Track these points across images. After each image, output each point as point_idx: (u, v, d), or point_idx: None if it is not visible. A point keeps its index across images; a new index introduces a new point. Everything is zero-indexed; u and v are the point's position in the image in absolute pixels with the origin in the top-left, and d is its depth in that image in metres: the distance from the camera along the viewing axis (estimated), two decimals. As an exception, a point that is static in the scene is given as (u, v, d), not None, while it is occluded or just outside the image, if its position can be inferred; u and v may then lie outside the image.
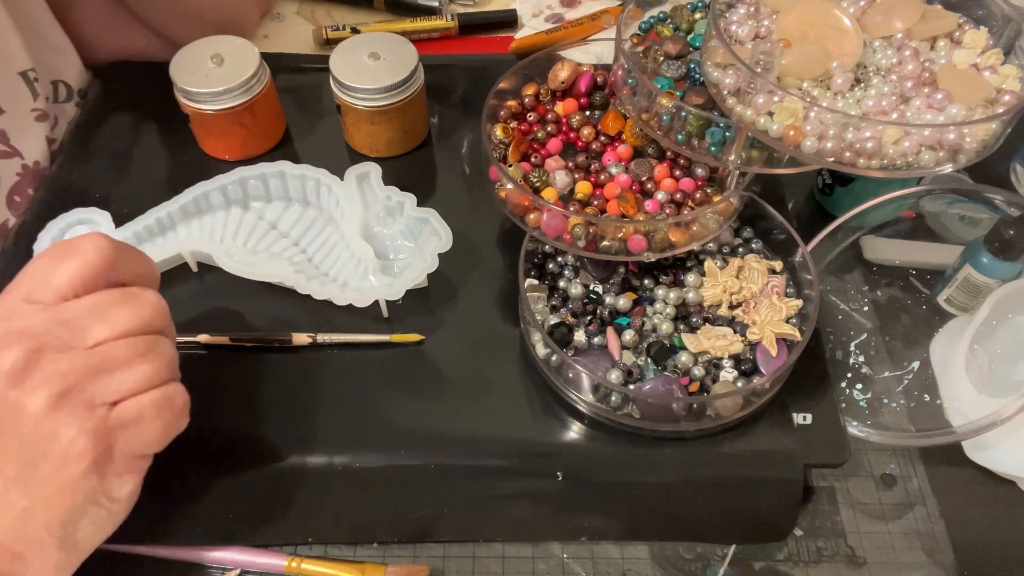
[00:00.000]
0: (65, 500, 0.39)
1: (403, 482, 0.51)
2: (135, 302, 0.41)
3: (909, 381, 0.58)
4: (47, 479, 0.38)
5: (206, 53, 0.62)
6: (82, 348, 0.39)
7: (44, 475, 0.38)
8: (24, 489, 0.39)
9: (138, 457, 0.41)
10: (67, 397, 0.38)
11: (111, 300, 0.40)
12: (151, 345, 0.40)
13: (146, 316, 0.41)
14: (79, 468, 0.38)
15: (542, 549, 0.52)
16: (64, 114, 0.69)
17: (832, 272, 0.63)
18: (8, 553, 0.39)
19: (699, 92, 0.52)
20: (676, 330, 0.54)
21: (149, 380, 0.40)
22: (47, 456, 0.38)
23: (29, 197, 0.63)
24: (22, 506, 0.39)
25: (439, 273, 0.56)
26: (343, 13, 0.83)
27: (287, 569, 0.49)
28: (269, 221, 0.61)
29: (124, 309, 0.40)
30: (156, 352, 0.40)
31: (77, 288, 0.40)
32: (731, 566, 0.51)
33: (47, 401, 0.37)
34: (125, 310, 0.40)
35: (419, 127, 0.67)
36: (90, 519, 0.40)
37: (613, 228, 0.52)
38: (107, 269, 0.41)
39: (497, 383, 0.54)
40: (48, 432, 0.38)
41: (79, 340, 0.39)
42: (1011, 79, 0.49)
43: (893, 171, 0.48)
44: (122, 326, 0.40)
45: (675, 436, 0.51)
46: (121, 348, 0.39)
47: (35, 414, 0.38)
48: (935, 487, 0.54)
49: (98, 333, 0.39)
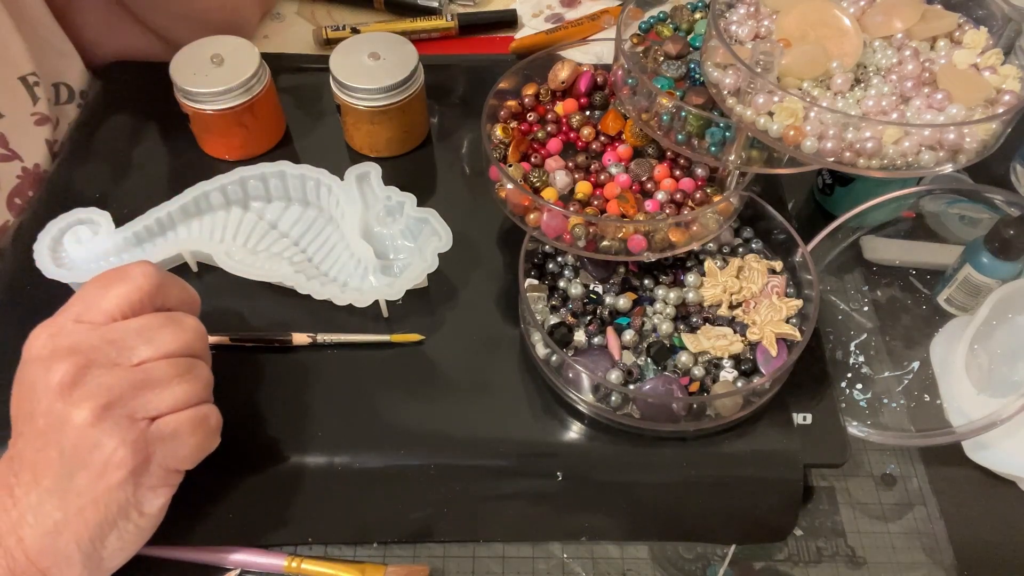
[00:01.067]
0: (99, 511, 0.40)
1: (403, 482, 0.51)
2: (178, 326, 0.43)
3: (909, 381, 0.58)
4: (83, 489, 0.40)
5: (206, 53, 0.62)
6: (127, 365, 0.41)
7: (81, 485, 0.40)
8: (59, 501, 0.40)
9: (172, 471, 0.43)
10: (111, 410, 0.40)
11: (156, 323, 0.43)
12: (190, 367, 0.43)
13: (188, 339, 0.43)
14: (117, 477, 0.40)
15: (542, 549, 0.52)
16: (66, 116, 0.69)
17: (832, 272, 0.63)
18: (33, 568, 0.40)
19: (699, 92, 0.52)
20: (676, 330, 0.54)
21: (187, 398, 0.42)
22: (87, 466, 0.40)
23: (29, 199, 0.63)
24: (55, 519, 0.40)
25: (439, 273, 0.56)
26: (343, 13, 0.83)
27: (287, 569, 0.49)
28: (269, 221, 0.61)
29: (168, 332, 0.43)
30: (195, 374, 0.43)
31: (125, 311, 0.43)
32: (731, 566, 0.51)
33: (92, 413, 0.39)
34: (169, 333, 0.43)
35: (419, 127, 0.67)
36: (119, 534, 0.42)
37: (613, 228, 0.52)
38: (154, 294, 0.44)
39: (497, 383, 0.54)
40: (91, 442, 0.40)
41: (125, 358, 0.41)
42: (1011, 79, 0.49)
43: (893, 171, 0.48)
44: (165, 347, 0.42)
45: (675, 436, 0.51)
46: (163, 368, 0.42)
47: (79, 425, 0.39)
48: (935, 487, 0.54)
49: (143, 352, 0.42)
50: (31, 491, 0.40)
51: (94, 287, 0.44)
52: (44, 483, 0.40)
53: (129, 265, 0.44)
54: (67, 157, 0.66)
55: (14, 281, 0.58)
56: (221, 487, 0.50)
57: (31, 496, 0.40)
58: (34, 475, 0.40)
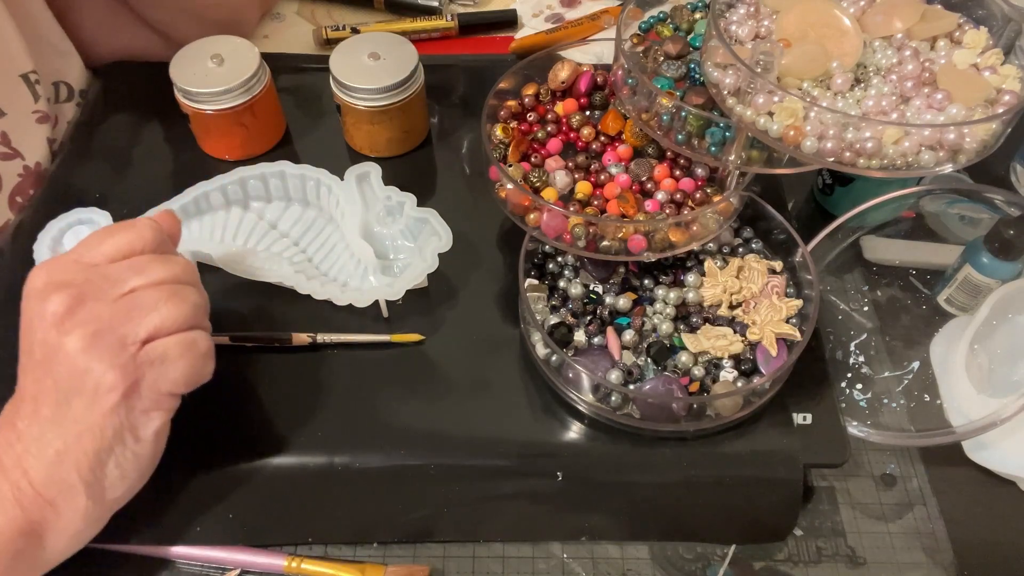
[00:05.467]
0: (95, 437, 0.42)
1: (403, 482, 0.51)
2: (168, 260, 0.45)
3: (909, 381, 0.58)
4: (79, 416, 0.41)
5: (206, 53, 0.62)
6: (118, 295, 0.43)
7: (77, 412, 0.41)
8: (59, 429, 0.41)
9: (164, 395, 0.43)
10: (101, 336, 0.41)
11: (148, 258, 0.45)
12: (177, 290, 0.44)
13: (177, 270, 0.45)
14: (110, 401, 0.41)
15: (542, 549, 0.52)
16: (65, 115, 0.69)
17: (832, 272, 0.63)
18: (40, 499, 0.41)
19: (699, 92, 0.52)
20: (676, 330, 0.54)
21: (174, 320, 0.43)
22: (81, 392, 0.41)
23: (30, 197, 0.63)
24: (55, 448, 0.41)
25: (439, 273, 0.56)
26: (343, 13, 0.83)
27: (287, 569, 0.49)
28: (269, 221, 0.61)
29: (158, 264, 0.44)
30: (181, 296, 0.44)
31: (125, 254, 0.44)
32: (731, 566, 0.51)
33: (83, 340, 0.41)
34: (159, 264, 0.44)
35: (419, 127, 0.67)
36: (116, 461, 0.43)
37: (613, 228, 0.52)
38: (154, 245, 0.45)
39: (497, 383, 0.54)
40: (82, 369, 0.41)
41: (117, 290, 0.43)
42: (1011, 79, 0.49)
43: (893, 171, 0.48)
44: (155, 276, 0.44)
45: (675, 436, 0.51)
46: (152, 292, 0.43)
47: (71, 352, 0.41)
48: (935, 487, 0.54)
49: (133, 282, 0.43)
50: (32, 423, 0.42)
51: (100, 233, 0.45)
52: (43, 412, 0.42)
53: (137, 219, 0.47)
54: (67, 157, 0.66)
55: (14, 281, 0.58)
56: (221, 487, 0.50)
57: (33, 428, 0.42)
58: (35, 406, 0.42)
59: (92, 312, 0.42)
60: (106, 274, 0.43)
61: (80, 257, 0.44)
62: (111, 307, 0.42)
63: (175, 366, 0.43)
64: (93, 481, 0.42)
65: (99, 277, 0.43)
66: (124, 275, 0.43)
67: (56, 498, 0.42)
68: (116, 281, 0.43)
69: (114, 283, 0.43)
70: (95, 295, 0.42)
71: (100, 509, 0.44)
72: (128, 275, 0.43)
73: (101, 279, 0.43)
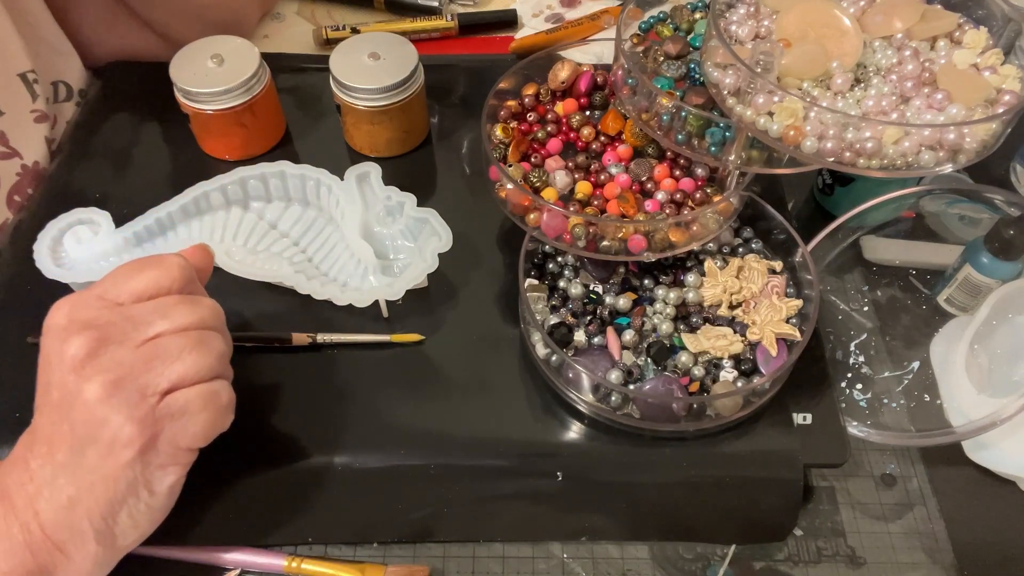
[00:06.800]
0: (108, 488, 0.40)
1: (403, 482, 0.51)
2: (195, 303, 0.43)
3: (909, 381, 0.58)
4: (93, 466, 0.40)
5: (206, 53, 0.62)
6: (141, 340, 0.41)
7: (91, 462, 0.40)
8: (72, 476, 0.40)
9: (182, 450, 0.42)
10: (120, 386, 0.40)
11: (174, 300, 0.43)
12: (201, 338, 0.42)
13: (204, 314, 0.43)
14: (126, 456, 0.40)
15: (542, 549, 0.52)
16: (64, 114, 0.69)
17: (832, 272, 0.63)
18: (49, 543, 0.40)
19: (699, 92, 0.52)
20: (676, 330, 0.54)
21: (197, 370, 0.42)
22: (96, 442, 0.40)
23: (29, 197, 0.63)
24: (68, 494, 0.40)
25: (439, 273, 0.56)
26: (343, 13, 0.83)
27: (287, 569, 0.49)
28: (269, 221, 0.60)
29: (183, 307, 0.43)
30: (206, 344, 0.42)
31: (152, 293, 0.43)
32: (731, 566, 0.51)
33: (102, 388, 0.40)
34: (184, 307, 0.43)
35: (419, 127, 0.67)
36: (129, 512, 0.42)
37: (613, 228, 0.52)
38: (183, 286, 0.44)
39: (497, 383, 0.54)
40: (100, 419, 0.40)
41: (140, 333, 0.41)
42: (1011, 79, 0.49)
43: (893, 171, 0.48)
44: (179, 321, 0.42)
45: (675, 436, 0.51)
46: (175, 340, 0.42)
47: (89, 400, 0.40)
48: (935, 487, 0.54)
49: (157, 327, 0.42)
50: (46, 465, 0.40)
51: (127, 268, 0.44)
52: (58, 457, 0.40)
53: (167, 254, 0.45)
54: (67, 157, 0.66)
55: (13, 281, 0.58)
56: (221, 487, 0.50)
57: (46, 471, 0.40)
58: (49, 449, 0.41)
59: (114, 358, 0.40)
60: (130, 315, 0.42)
61: (105, 293, 0.43)
62: (133, 353, 0.40)
63: (195, 420, 0.42)
64: (104, 529, 0.41)
65: (122, 319, 0.41)
66: (149, 318, 0.42)
67: (66, 543, 0.41)
68: (140, 324, 0.41)
69: (137, 326, 0.41)
70: (118, 338, 0.41)
71: (110, 555, 0.43)
72: (153, 318, 0.42)
73: (124, 321, 0.41)
